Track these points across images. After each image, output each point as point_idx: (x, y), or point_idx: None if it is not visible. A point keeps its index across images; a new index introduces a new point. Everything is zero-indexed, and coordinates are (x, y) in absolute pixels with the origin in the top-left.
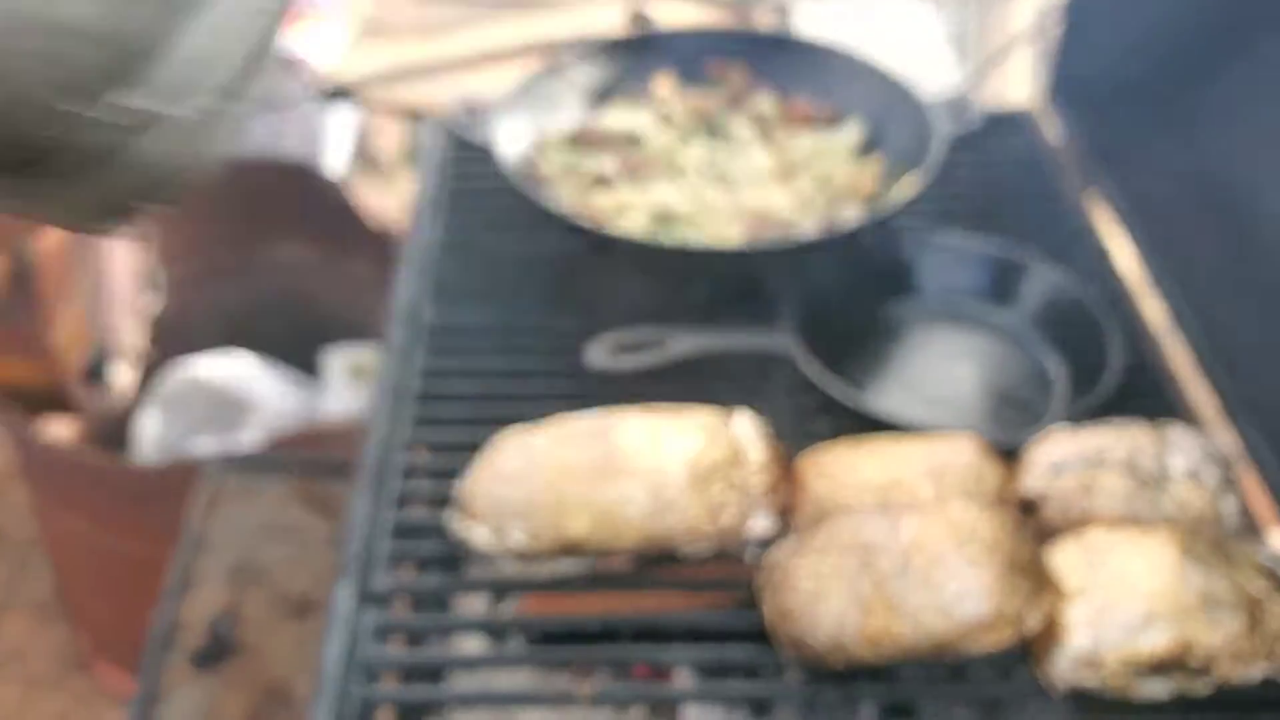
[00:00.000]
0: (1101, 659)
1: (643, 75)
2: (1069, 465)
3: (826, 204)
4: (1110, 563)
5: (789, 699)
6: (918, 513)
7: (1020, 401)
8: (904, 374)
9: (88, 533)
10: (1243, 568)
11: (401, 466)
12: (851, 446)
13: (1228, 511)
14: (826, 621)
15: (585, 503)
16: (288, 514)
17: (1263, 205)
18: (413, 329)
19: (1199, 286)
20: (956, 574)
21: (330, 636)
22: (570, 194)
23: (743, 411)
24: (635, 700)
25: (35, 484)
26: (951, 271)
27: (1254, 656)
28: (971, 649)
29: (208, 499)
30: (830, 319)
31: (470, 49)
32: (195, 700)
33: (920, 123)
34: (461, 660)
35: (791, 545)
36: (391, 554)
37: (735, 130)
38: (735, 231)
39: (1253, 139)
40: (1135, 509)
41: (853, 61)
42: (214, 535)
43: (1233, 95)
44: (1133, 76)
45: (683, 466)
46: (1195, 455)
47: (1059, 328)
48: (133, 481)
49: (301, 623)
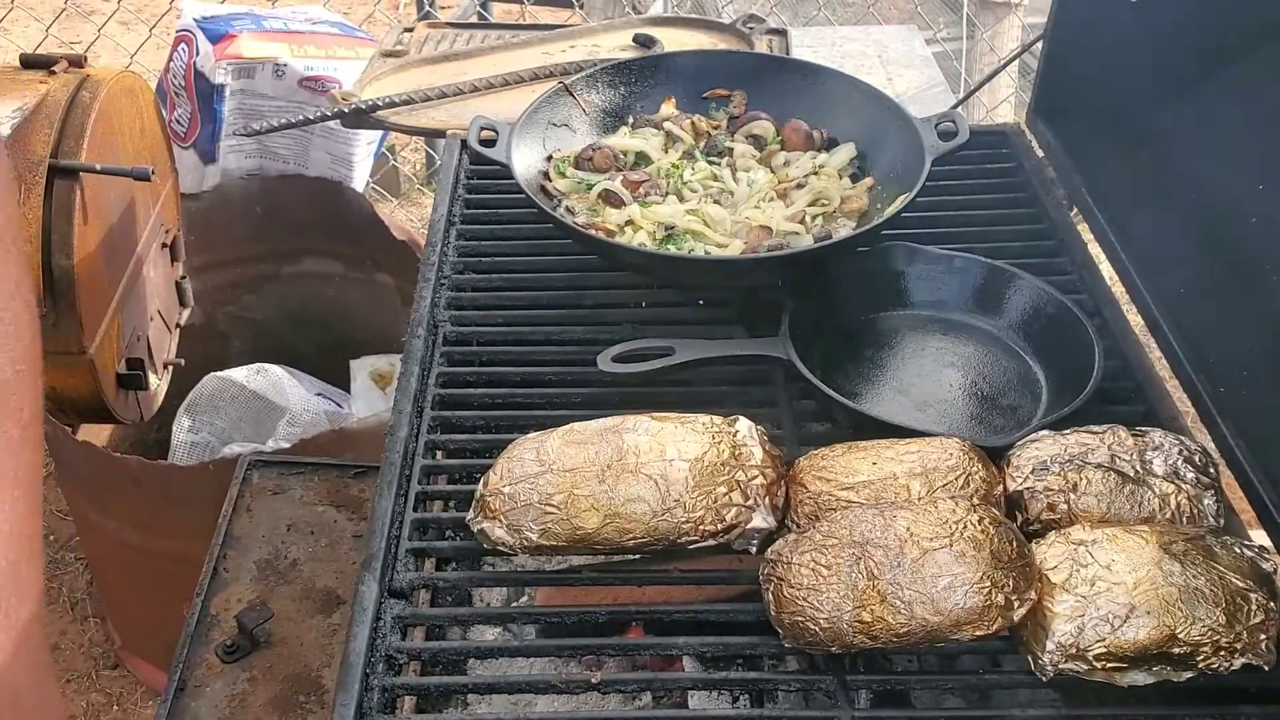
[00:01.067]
0: (1086, 649)
1: (649, 98)
2: (1053, 466)
3: (822, 220)
4: (1093, 558)
5: (789, 687)
6: (910, 510)
7: (1006, 406)
8: (896, 380)
9: (121, 532)
10: (1222, 562)
11: (422, 468)
12: (847, 448)
13: (1207, 509)
14: (824, 612)
15: (596, 501)
16: (315, 513)
17: (1237, 218)
18: (432, 339)
19: (1177, 295)
20: (946, 568)
21: (355, 629)
22: (581, 210)
23: (744, 416)
24: (643, 688)
25: (70, 486)
26: (940, 282)
27: (1234, 647)
28: (961, 638)
29: (238, 499)
30: (826, 328)
31: (487, 74)
32: (225, 692)
33: (911, 141)
34: (479, 650)
35: (791, 541)
36: (413, 550)
37: (736, 150)
38: (736, 246)
39: (1227, 154)
40: (1117, 507)
41: (847, 84)
42: (244, 534)
43: (1208, 113)
44: (1113, 96)
45: (687, 467)
46: (1174, 456)
47: (1043, 335)
48: (166, 483)
49: (328, 616)
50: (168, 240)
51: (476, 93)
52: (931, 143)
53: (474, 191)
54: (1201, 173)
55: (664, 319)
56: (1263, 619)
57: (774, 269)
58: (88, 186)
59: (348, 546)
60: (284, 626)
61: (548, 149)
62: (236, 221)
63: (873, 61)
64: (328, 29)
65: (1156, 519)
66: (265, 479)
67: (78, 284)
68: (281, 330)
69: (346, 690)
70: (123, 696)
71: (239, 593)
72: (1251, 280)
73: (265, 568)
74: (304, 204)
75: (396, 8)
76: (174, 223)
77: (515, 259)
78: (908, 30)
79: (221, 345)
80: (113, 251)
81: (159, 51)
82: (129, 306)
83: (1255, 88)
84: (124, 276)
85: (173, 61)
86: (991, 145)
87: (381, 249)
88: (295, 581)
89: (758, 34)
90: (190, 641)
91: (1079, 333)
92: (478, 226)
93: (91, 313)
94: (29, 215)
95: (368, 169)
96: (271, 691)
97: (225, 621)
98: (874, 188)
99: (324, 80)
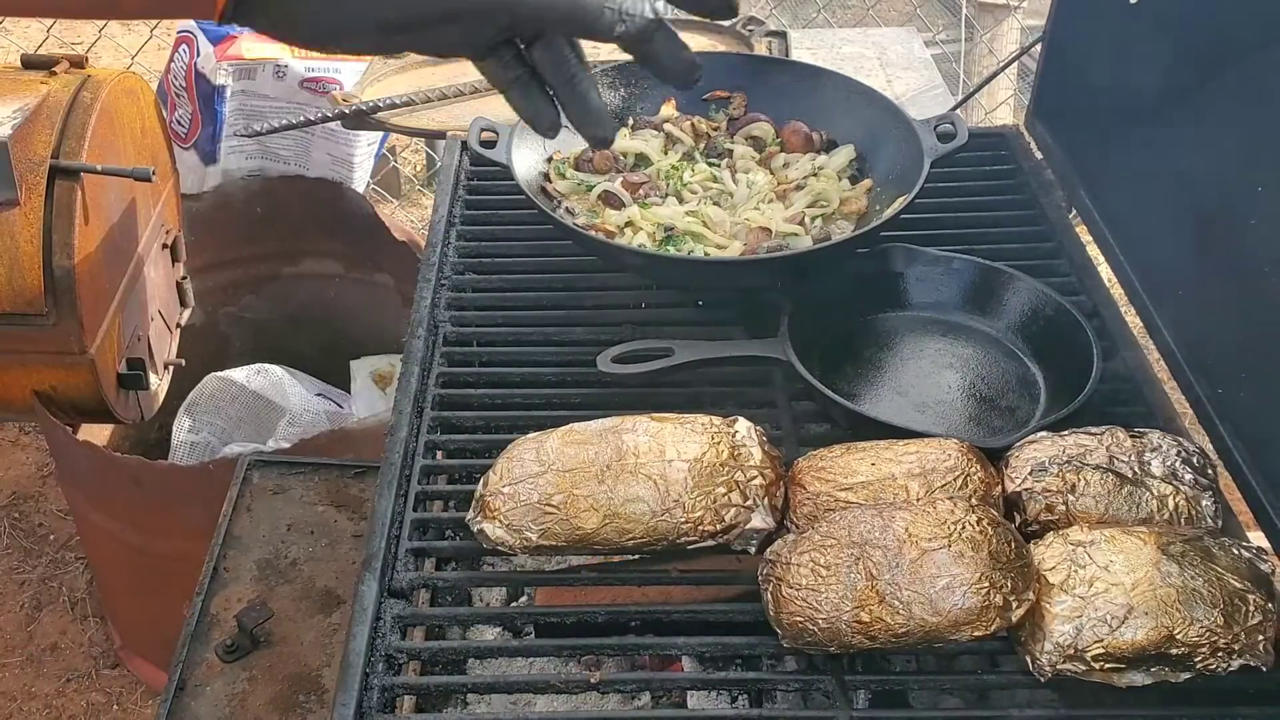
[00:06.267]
0: (1084, 650)
1: (649, 99)
2: (1051, 467)
3: (822, 221)
4: (1091, 559)
5: (787, 687)
6: (908, 511)
7: (1005, 407)
8: (895, 381)
9: (121, 532)
10: (1220, 564)
11: (422, 468)
12: (846, 449)
13: (1205, 510)
14: (823, 612)
15: (596, 502)
16: (315, 513)
17: (1235, 219)
18: (432, 339)
19: (1175, 296)
20: (945, 569)
21: (355, 629)
22: (581, 211)
23: (743, 416)
24: (642, 688)
25: (71, 486)
26: (939, 283)
27: (1231, 648)
28: (959, 639)
29: (239, 499)
30: (825, 329)
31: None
32: (225, 692)
33: (910, 143)
34: (478, 650)
35: (790, 541)
36: (413, 550)
37: (735, 152)
38: (735, 247)
39: (1226, 156)
40: (1115, 508)
41: (846, 86)
42: (244, 533)
43: (1207, 115)
44: (1112, 98)
45: (687, 468)
46: (1173, 457)
47: (1042, 337)
48: (166, 483)
49: (327, 616)
50: (168, 241)
51: (477, 94)
52: (930, 145)
53: (474, 192)
54: (1200, 174)
55: (663, 320)
56: (1260, 620)
57: (773, 270)
58: (89, 187)
59: (348, 546)
60: (284, 626)
61: (548, 150)
62: (237, 222)
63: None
64: None
65: (1154, 520)
66: (265, 479)
67: (78, 284)
68: (282, 330)
69: (346, 690)
70: (122, 696)
71: (239, 592)
72: (1250, 282)
73: (265, 567)
74: (304, 205)
75: None
76: (175, 223)
77: (515, 260)
78: (907, 32)
79: (222, 345)
80: (113, 252)
81: (160, 52)
82: (130, 307)
83: (1255, 89)
84: (125, 277)
85: (174, 62)
86: (990, 147)
87: (382, 250)
88: (295, 581)
89: (757, 36)
90: (190, 641)
91: (1077, 334)
92: (478, 227)
93: (92, 313)
94: (30, 215)
95: (368, 170)
96: (271, 691)
97: (225, 621)
98: (873, 189)
99: (325, 81)
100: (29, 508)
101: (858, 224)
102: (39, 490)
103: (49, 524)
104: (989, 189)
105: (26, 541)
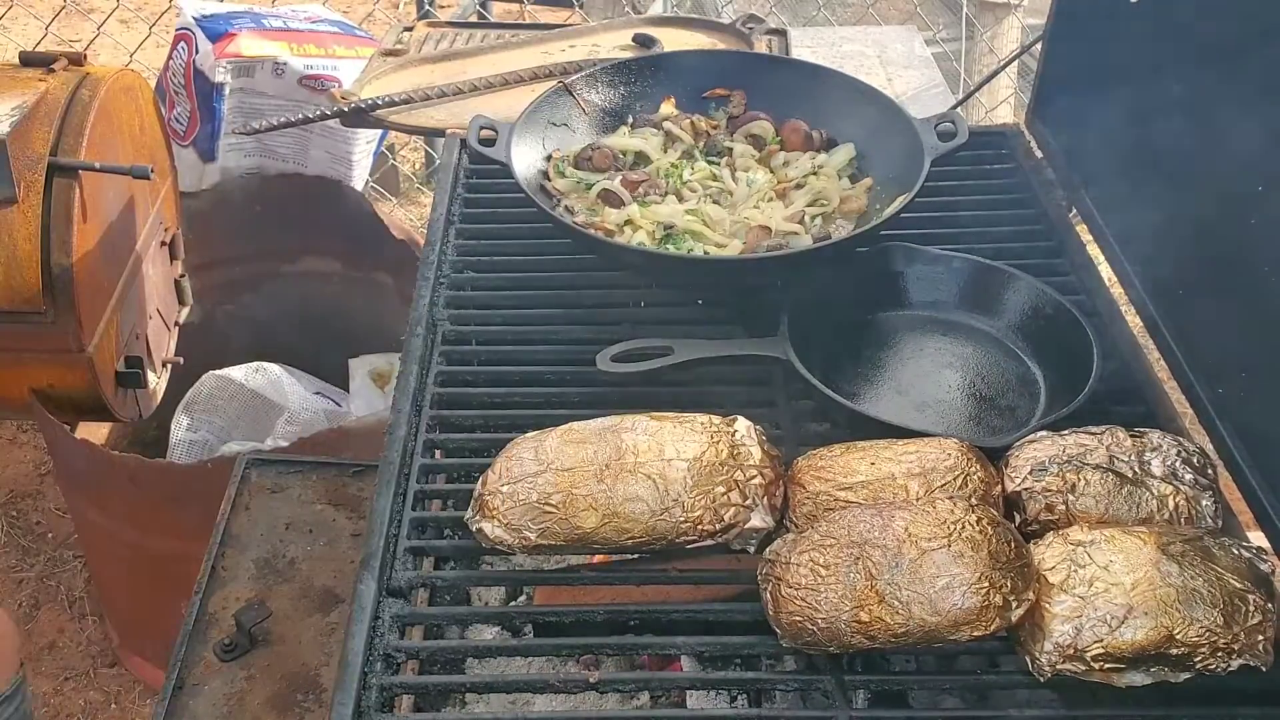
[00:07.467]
0: (1084, 650)
1: (648, 98)
2: (1051, 467)
3: (821, 220)
4: (1091, 559)
5: (786, 686)
6: (908, 511)
7: (1005, 406)
8: (894, 380)
9: (119, 531)
10: (1220, 563)
11: (421, 467)
12: (845, 448)
13: (1205, 510)
14: (822, 612)
15: (595, 501)
16: (313, 512)
17: (1236, 219)
18: (431, 338)
19: (1175, 296)
20: (944, 569)
21: (353, 628)
22: (580, 209)
23: (742, 415)
24: (641, 687)
25: (69, 484)
26: (939, 283)
27: (1231, 648)
28: (959, 638)
29: (237, 498)
30: (825, 328)
31: (487, 73)
32: (223, 691)
33: (910, 142)
34: (477, 649)
35: (789, 541)
36: (412, 549)
37: (735, 150)
38: (735, 246)
39: (1226, 156)
40: (1115, 508)
41: (846, 84)
42: (243, 532)
43: (1207, 115)
44: (1112, 97)
45: (686, 467)
46: (1172, 457)
47: (1042, 336)
48: (164, 481)
49: (326, 615)
50: (167, 238)
51: (476, 92)
52: (931, 143)
53: (473, 191)
54: (1200, 174)
55: (663, 319)
56: (1260, 620)
57: (773, 269)
58: (87, 185)
59: (346, 545)
60: (282, 625)
61: (547, 148)
62: (236, 220)
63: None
64: (327, 28)
65: (1154, 520)
66: (264, 477)
67: (76, 282)
68: (280, 329)
69: (344, 689)
70: (121, 695)
71: (237, 591)
72: (1250, 282)
73: (263, 566)
74: (303, 203)
75: (396, 6)
76: (173, 221)
77: (514, 258)
78: (907, 31)
79: (220, 343)
80: (112, 250)
81: (158, 50)
82: (128, 304)
83: (1255, 89)
84: (123, 275)
85: (172, 60)
86: (990, 146)
87: (380, 248)
88: (293, 580)
89: (757, 34)
90: (188, 640)
91: (1077, 334)
92: (477, 226)
93: (90, 311)
94: (28, 213)
95: (367, 168)
96: (269, 690)
97: (223, 620)
98: (873, 188)
99: (323, 79)
100: (27, 506)
101: (857, 223)
102: (37, 488)
103: (47, 522)
104: (989, 188)
105: (24, 540)
